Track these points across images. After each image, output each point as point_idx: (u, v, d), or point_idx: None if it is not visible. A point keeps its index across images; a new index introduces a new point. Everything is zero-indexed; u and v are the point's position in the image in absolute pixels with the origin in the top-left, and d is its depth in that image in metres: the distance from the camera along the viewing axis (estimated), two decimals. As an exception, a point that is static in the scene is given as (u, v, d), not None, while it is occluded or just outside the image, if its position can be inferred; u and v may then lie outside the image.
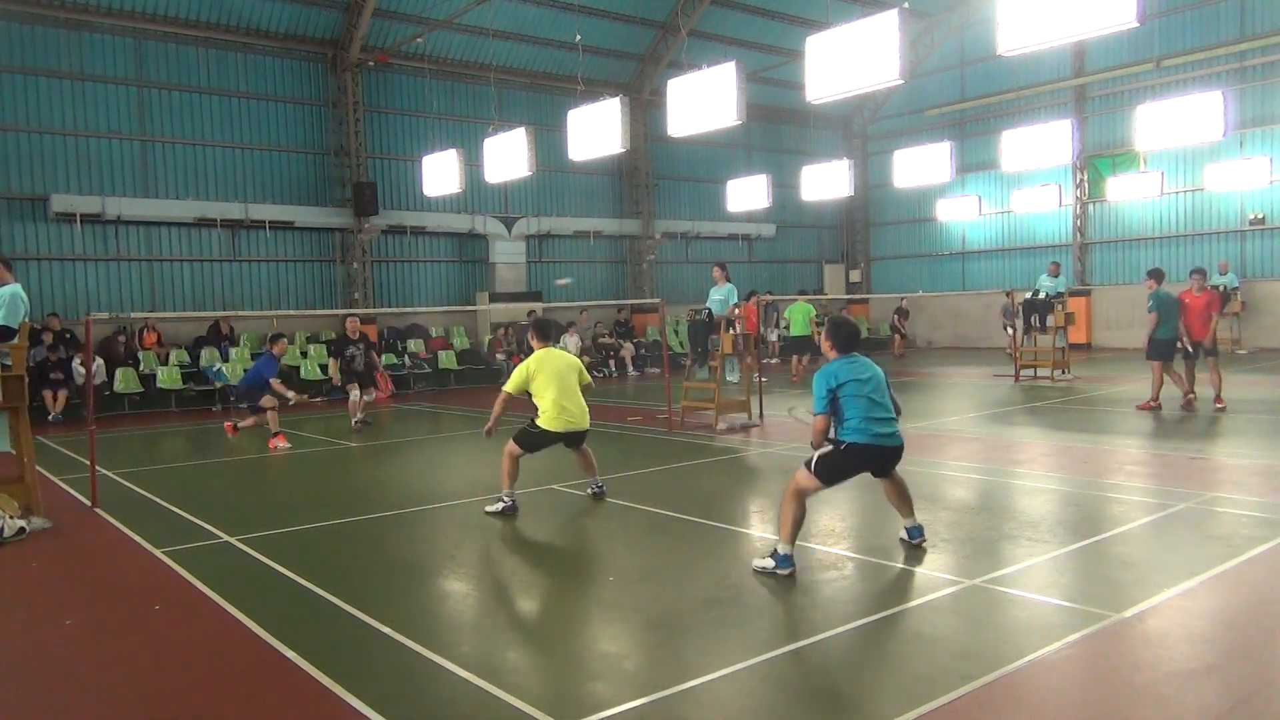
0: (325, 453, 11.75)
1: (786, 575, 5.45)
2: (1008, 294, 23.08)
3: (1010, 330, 22.72)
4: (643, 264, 25.21)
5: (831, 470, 5.63)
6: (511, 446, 7.63)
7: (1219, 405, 11.76)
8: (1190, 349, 12.00)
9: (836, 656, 4.37)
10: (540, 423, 7.56)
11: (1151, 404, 12.04)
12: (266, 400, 12.08)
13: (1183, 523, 6.50)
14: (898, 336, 25.18)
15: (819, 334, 7.73)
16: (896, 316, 25.13)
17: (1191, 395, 12.06)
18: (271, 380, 12.11)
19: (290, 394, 12.36)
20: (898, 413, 5.77)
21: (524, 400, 7.71)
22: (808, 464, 5.66)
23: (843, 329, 5.85)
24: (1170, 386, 12.17)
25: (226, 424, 12.87)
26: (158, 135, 18.20)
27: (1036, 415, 12.44)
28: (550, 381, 7.49)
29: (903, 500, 6.02)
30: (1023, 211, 25.92)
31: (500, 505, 7.47)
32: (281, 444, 11.96)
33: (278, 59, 19.59)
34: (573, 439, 7.75)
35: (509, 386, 7.63)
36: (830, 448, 5.60)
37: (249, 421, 12.54)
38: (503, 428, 7.85)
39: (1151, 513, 6.79)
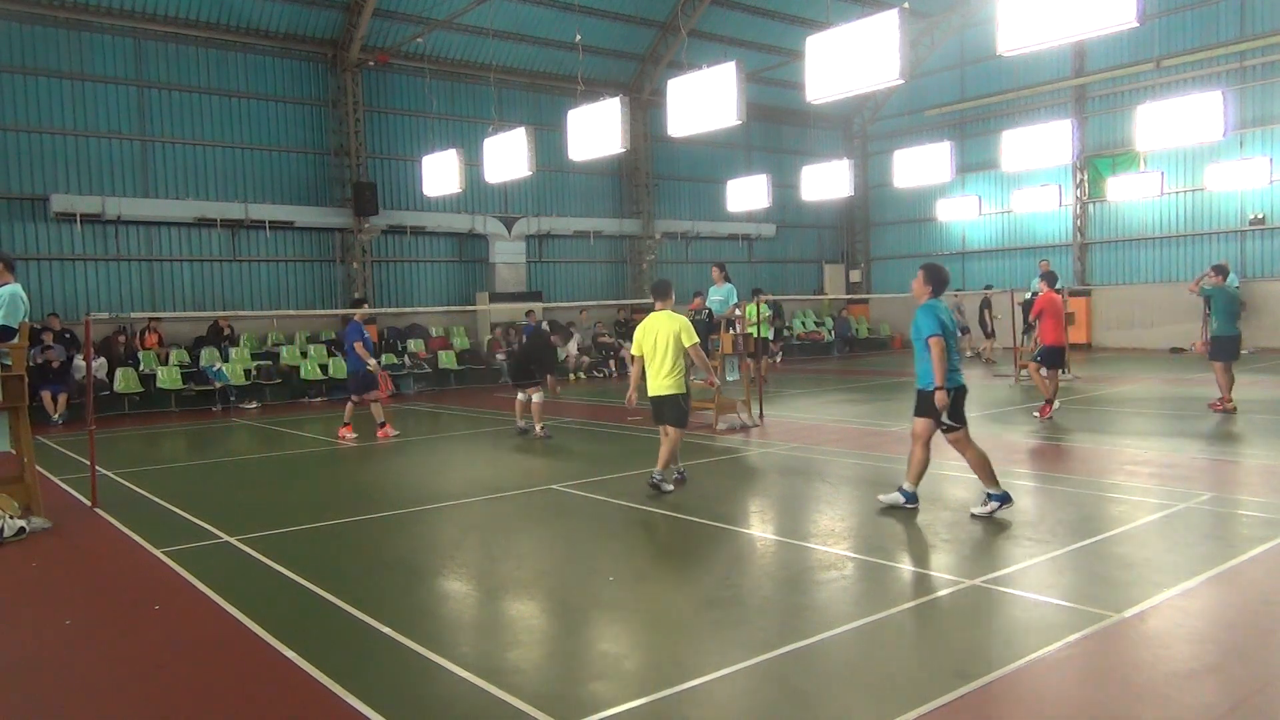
0: (325, 453, 11.75)
1: (913, 509, 6.82)
2: (956, 302, 23.05)
3: (960, 333, 22.64)
4: (643, 264, 25.21)
5: (958, 413, 6.68)
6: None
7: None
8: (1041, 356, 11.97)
9: (836, 656, 4.37)
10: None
11: (1225, 403, 11.69)
12: (370, 394, 12.11)
13: (1183, 523, 6.50)
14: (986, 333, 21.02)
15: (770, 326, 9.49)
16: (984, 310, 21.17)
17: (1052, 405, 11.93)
18: (356, 344, 11.97)
19: (371, 361, 12.18)
20: None
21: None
22: (940, 422, 6.66)
23: (941, 272, 6.86)
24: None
25: (380, 433, 12.23)
26: (158, 135, 18.20)
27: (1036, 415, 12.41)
28: (647, 348, 7.92)
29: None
30: (1023, 211, 25.92)
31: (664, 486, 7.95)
32: (382, 435, 12.06)
33: (278, 59, 19.58)
34: (658, 409, 7.99)
35: (633, 348, 8.20)
36: (949, 394, 6.58)
37: (378, 410, 12.32)
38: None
39: (1151, 513, 6.79)
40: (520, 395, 12.11)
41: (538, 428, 11.72)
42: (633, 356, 8.28)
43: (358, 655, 4.51)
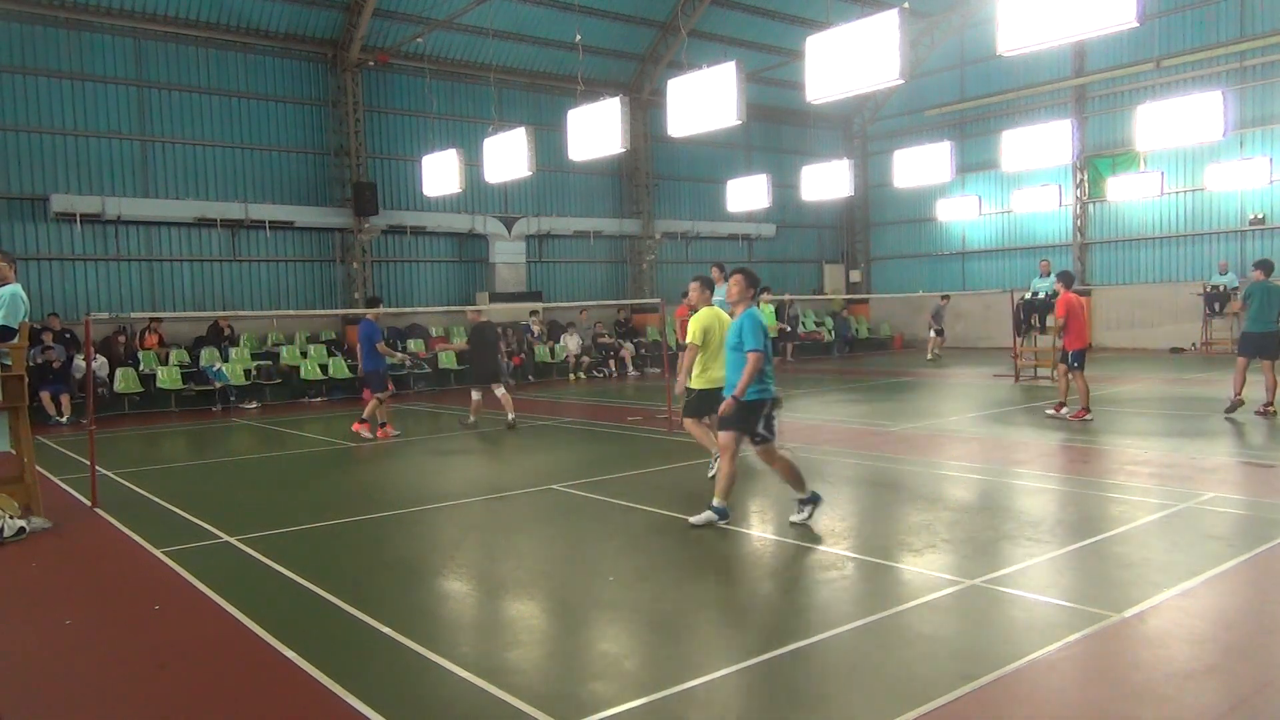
0: (325, 453, 11.75)
1: (725, 524, 6.62)
2: (944, 297, 23.22)
3: (933, 333, 22.82)
4: (643, 264, 25.20)
5: (772, 425, 6.55)
6: (688, 423, 8.21)
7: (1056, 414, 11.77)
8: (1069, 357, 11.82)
9: (836, 656, 4.37)
10: (692, 384, 8.06)
11: (1234, 400, 11.59)
12: (381, 392, 12.21)
13: (1183, 523, 6.50)
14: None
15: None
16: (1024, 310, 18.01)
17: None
18: (378, 344, 12.14)
19: (397, 355, 12.41)
20: None
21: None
22: (754, 434, 6.53)
23: (758, 277, 6.79)
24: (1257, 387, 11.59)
25: (356, 425, 12.31)
26: (158, 135, 18.20)
27: (1036, 415, 12.41)
28: (713, 339, 7.92)
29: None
30: (1023, 211, 25.92)
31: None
32: (366, 432, 12.07)
33: (278, 59, 19.58)
34: (707, 401, 7.92)
35: (691, 337, 7.98)
36: (766, 408, 6.51)
37: (371, 407, 12.28)
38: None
39: (1151, 513, 6.78)
40: (498, 391, 12.89)
41: (471, 417, 12.88)
42: (689, 345, 8.09)
43: (358, 655, 4.51)
